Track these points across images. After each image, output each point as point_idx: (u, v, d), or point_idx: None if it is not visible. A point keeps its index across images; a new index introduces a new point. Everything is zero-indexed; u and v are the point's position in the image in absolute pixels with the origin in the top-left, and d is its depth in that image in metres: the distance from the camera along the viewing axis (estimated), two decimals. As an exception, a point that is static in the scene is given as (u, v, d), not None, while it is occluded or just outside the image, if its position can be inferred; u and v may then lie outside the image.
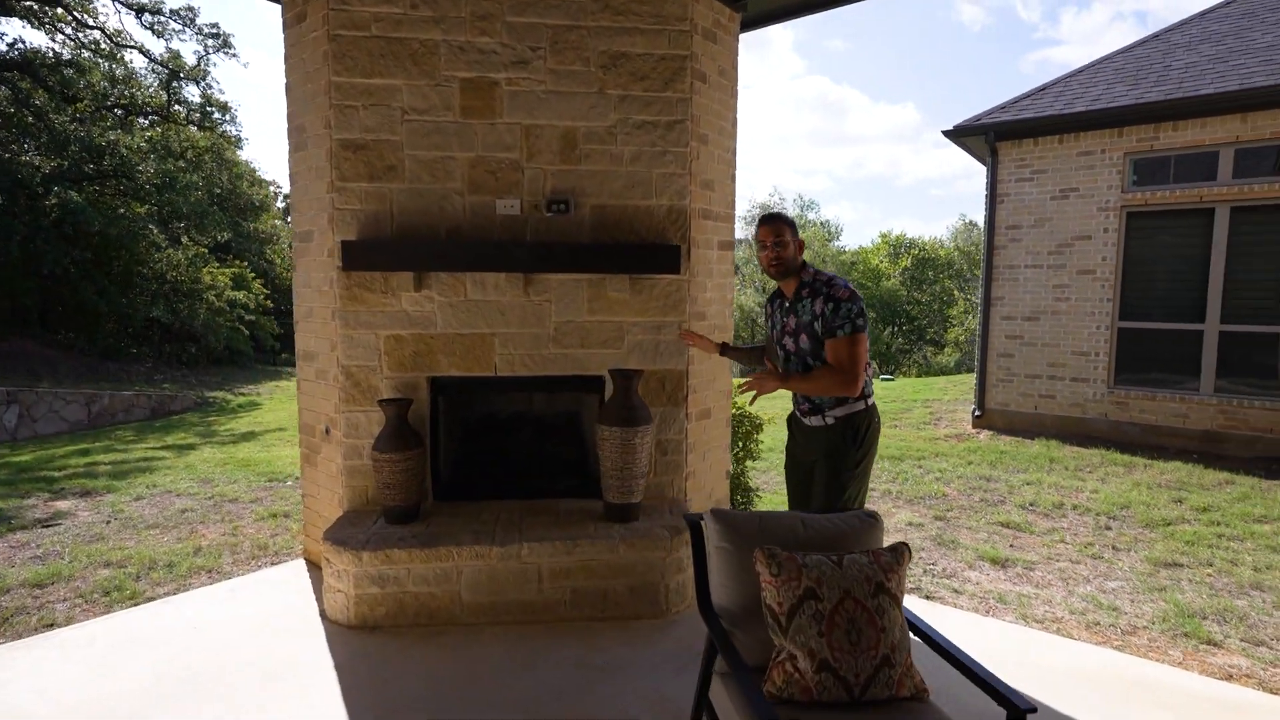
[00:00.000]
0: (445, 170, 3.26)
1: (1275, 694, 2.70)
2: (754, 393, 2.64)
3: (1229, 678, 2.85)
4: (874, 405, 2.66)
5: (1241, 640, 3.16)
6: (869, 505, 3.26)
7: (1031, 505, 5.32)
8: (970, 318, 28.52)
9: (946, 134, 8.17)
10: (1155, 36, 8.27)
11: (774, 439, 7.25)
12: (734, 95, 3.80)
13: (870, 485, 6.23)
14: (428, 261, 3.16)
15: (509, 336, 3.37)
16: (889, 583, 1.81)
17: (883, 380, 17.05)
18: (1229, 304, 7.12)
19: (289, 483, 6.01)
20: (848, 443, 2.58)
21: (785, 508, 5.03)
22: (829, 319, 2.48)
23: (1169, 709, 2.51)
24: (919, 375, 23.68)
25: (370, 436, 3.30)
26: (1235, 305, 7.11)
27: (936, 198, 75.93)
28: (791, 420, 2.82)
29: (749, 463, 5.22)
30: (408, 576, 2.93)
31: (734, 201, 3.91)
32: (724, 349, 3.26)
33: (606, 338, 3.44)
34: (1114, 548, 4.44)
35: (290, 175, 3.61)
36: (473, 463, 3.69)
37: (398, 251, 3.15)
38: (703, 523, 2.06)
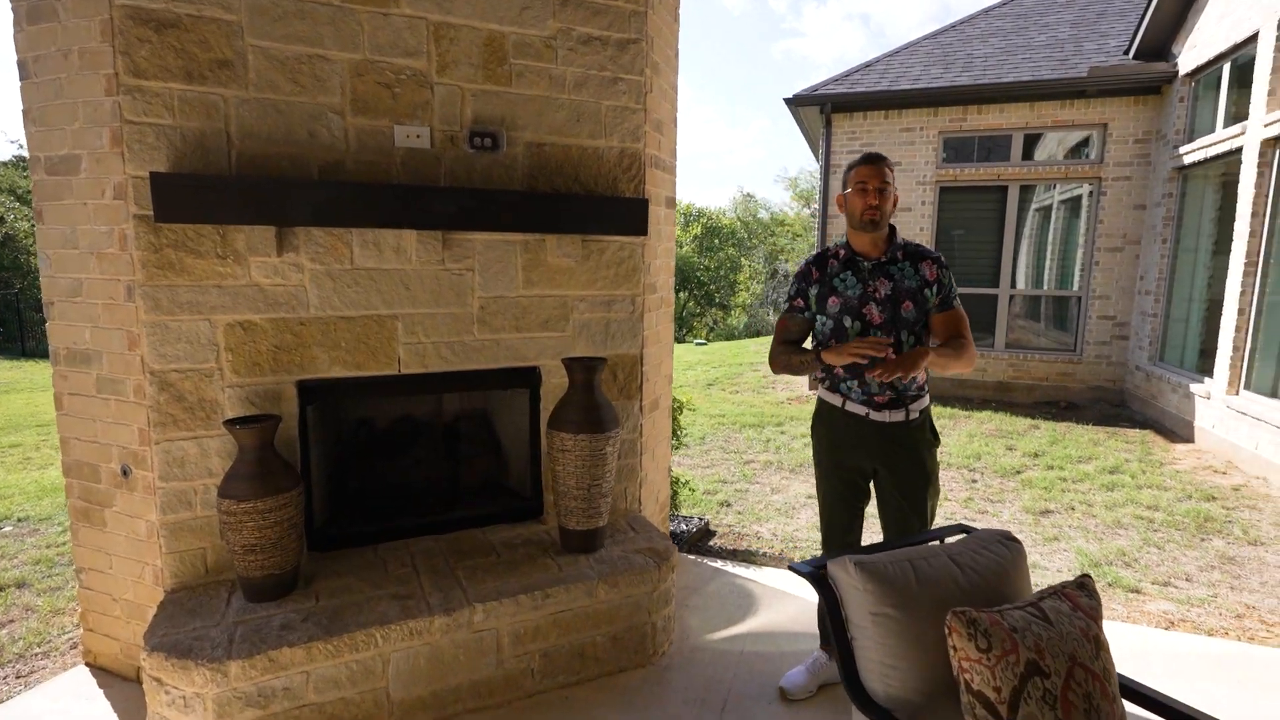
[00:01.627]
0: (316, 77, 2.20)
1: (1240, 640, 2.91)
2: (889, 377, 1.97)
3: (1170, 625, 3.03)
4: None
5: (1152, 584, 3.43)
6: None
7: (904, 465, 5.54)
8: (755, 283, 30.90)
9: (787, 101, 8.24)
10: (952, 27, 9.10)
11: (691, 421, 6.83)
12: (677, 19, 3.15)
13: (748, 454, 6.18)
14: (295, 212, 2.12)
15: (418, 319, 2.44)
16: (1102, 634, 1.42)
17: (696, 345, 17.67)
18: (1018, 271, 8.18)
19: (7, 527, 4.21)
20: (931, 441, 2.21)
21: (720, 505, 5.07)
22: (948, 287, 2.15)
23: (1209, 677, 2.55)
24: (709, 338, 25.04)
25: (209, 475, 2.19)
26: (1023, 272, 8.19)
27: (708, 170, 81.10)
28: (835, 415, 2.21)
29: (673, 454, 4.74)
30: (306, 683, 1.97)
31: (676, 149, 3.29)
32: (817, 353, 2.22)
33: (548, 317, 2.66)
34: (990, 500, 4.73)
35: (21, 63, 2.23)
36: (366, 494, 2.70)
37: (246, 195, 2.06)
38: (834, 577, 1.50)
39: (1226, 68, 6.14)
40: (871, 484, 2.31)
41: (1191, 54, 6.59)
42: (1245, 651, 2.75)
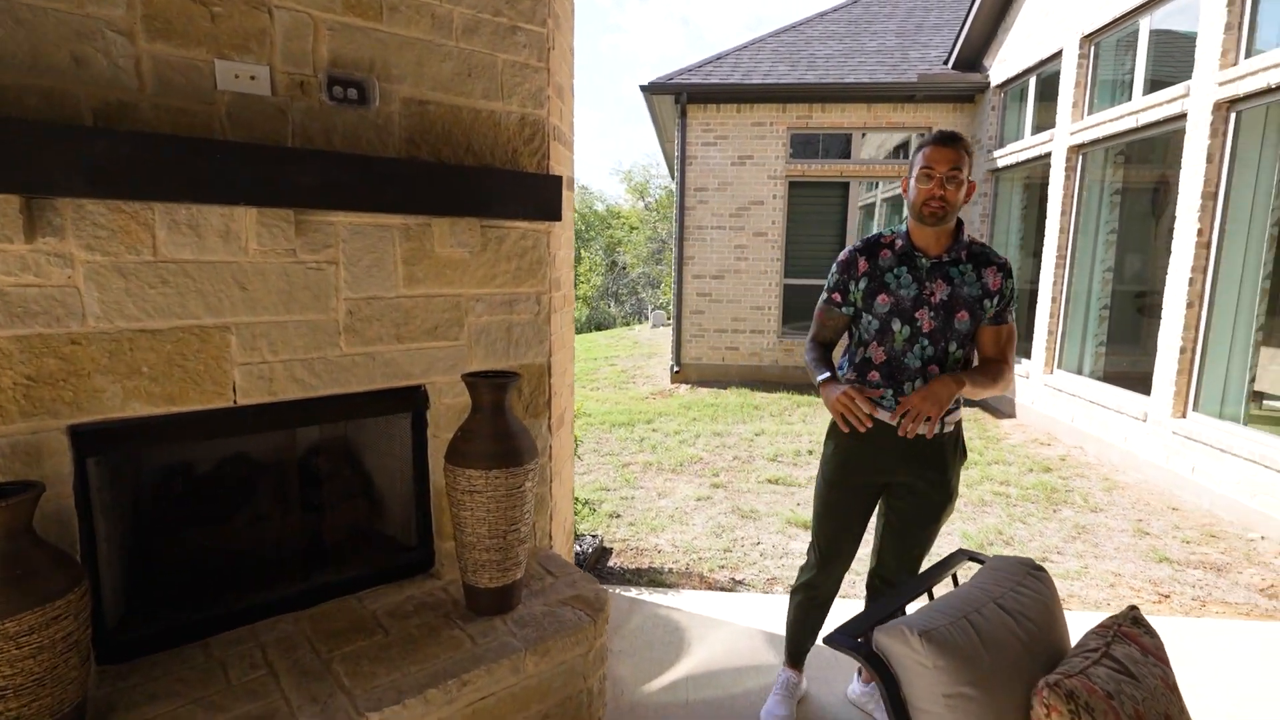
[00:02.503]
0: (82, -27, 1.48)
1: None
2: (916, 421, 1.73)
3: (1066, 604, 3.18)
4: None
5: (1044, 560, 3.62)
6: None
7: (779, 458, 5.55)
8: (595, 275, 30.83)
9: (644, 89, 8.01)
10: (794, 28, 9.42)
11: (583, 431, 6.28)
12: (572, -32, 2.70)
13: (623, 456, 5.88)
14: (55, 173, 1.40)
15: (261, 331, 1.79)
16: (1174, 679, 1.25)
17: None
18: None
19: None
20: (960, 456, 2.00)
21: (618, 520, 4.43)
22: (1004, 302, 1.89)
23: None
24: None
25: (-85, 583, 1.41)
26: (862, 264, 8.70)
27: (545, 161, 79.75)
28: (873, 425, 1.87)
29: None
30: None
31: (574, 122, 2.84)
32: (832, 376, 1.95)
33: (437, 323, 2.11)
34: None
35: None
36: (188, 569, 1.98)
37: (-35, 145, 1.31)
38: (888, 651, 1.19)
39: (1033, 81, 6.87)
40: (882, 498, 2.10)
41: (1002, 67, 7.31)
42: (1181, 628, 2.92)
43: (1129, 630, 1.30)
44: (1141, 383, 5.35)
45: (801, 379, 8.65)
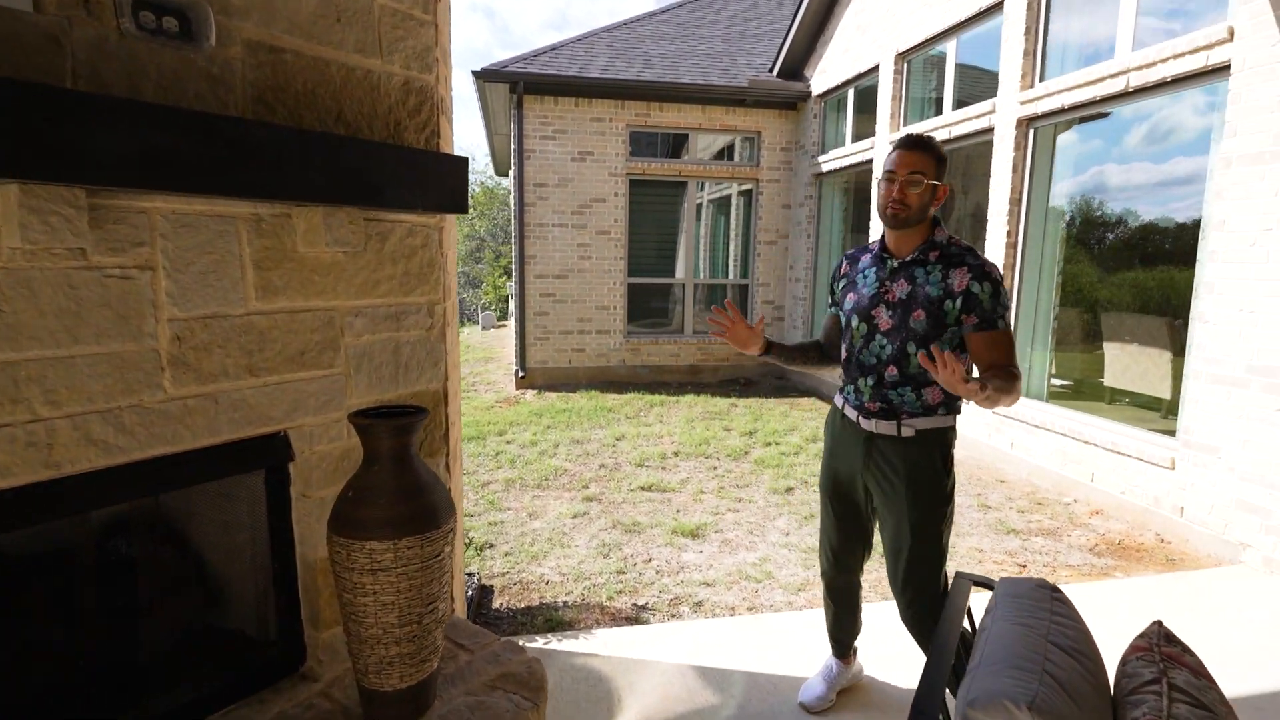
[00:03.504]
0: None
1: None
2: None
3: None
4: (956, 424, 1.94)
5: (908, 546, 3.79)
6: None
7: (646, 462, 5.40)
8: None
9: (476, 74, 7.43)
10: (625, 24, 9.34)
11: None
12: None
13: (480, 474, 5.37)
14: None
15: (34, 372, 1.18)
16: (1222, 694, 1.20)
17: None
18: (700, 260, 8.86)
19: None
20: (936, 468, 1.86)
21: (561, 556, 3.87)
22: (987, 306, 1.77)
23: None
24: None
25: None
26: (703, 262, 8.88)
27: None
28: (834, 418, 2.06)
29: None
30: None
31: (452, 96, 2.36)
32: (768, 348, 2.07)
33: (304, 346, 1.59)
34: (738, 485, 4.85)
35: None
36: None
37: None
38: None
39: (851, 92, 7.41)
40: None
41: (822, 78, 7.82)
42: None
43: (1171, 651, 1.24)
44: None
45: (650, 378, 8.64)
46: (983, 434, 5.28)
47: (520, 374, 8.30)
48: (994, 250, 5.12)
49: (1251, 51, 3.33)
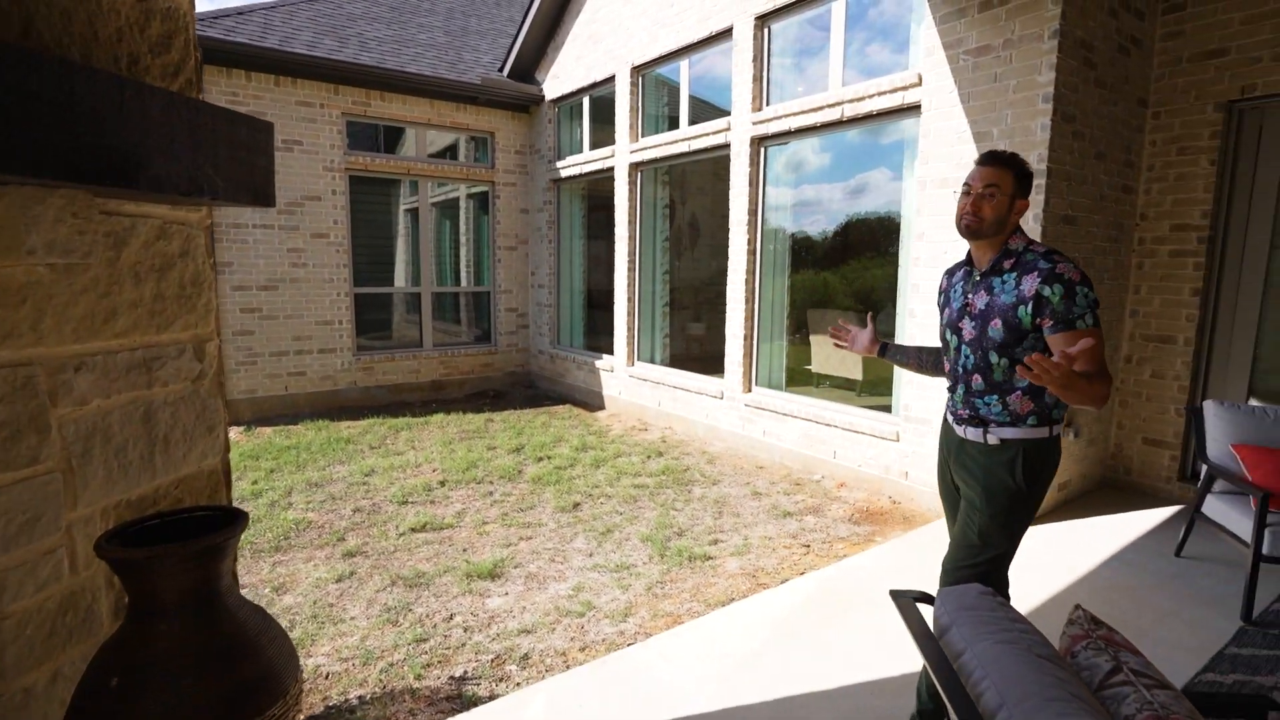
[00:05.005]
0: None
1: (810, 570, 3.47)
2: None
3: (754, 575, 3.46)
4: (1059, 437, 1.94)
5: (710, 545, 3.88)
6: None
7: (410, 498, 4.76)
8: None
9: (130, 30, 5.76)
10: (328, -3, 8.15)
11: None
12: None
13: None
14: None
15: None
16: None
17: None
18: (444, 267, 8.17)
19: None
20: (1016, 479, 1.88)
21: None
22: (1059, 307, 1.77)
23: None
24: None
25: None
26: (440, 269, 8.21)
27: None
28: (942, 424, 2.17)
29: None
30: None
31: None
32: (884, 350, 2.32)
33: (-21, 431, 0.90)
34: (521, 509, 4.53)
35: None
36: None
37: None
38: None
39: (587, 100, 7.48)
40: None
41: (555, 83, 7.77)
42: (841, 572, 3.37)
43: (1106, 635, 1.32)
44: (711, 365, 6.40)
45: (389, 399, 7.72)
46: (738, 426, 5.73)
47: (219, 409, 6.72)
48: (735, 257, 5.58)
49: (935, 95, 4.09)
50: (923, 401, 4.31)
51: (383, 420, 6.88)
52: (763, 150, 5.38)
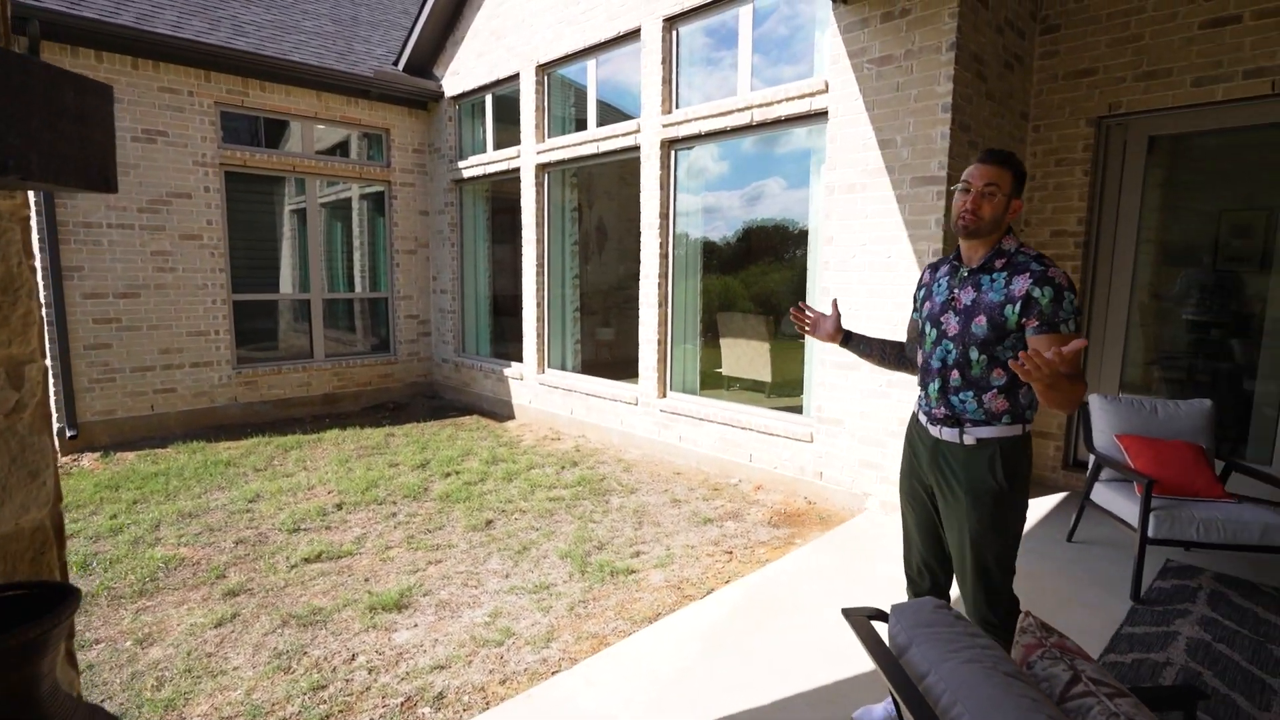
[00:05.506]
0: None
1: (737, 578, 3.39)
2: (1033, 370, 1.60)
3: (679, 587, 3.36)
4: (1030, 434, 1.96)
5: (632, 558, 3.74)
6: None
7: (302, 524, 4.34)
8: None
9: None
10: (195, -25, 7.38)
11: None
12: None
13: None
14: None
15: None
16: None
17: None
18: (336, 272, 7.60)
19: None
20: (999, 478, 1.88)
21: None
22: (1047, 310, 1.80)
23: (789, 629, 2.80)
24: None
25: None
26: (332, 274, 7.64)
27: None
28: (912, 422, 2.16)
29: None
30: None
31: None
32: (848, 338, 2.35)
33: None
34: (429, 530, 4.24)
35: None
36: None
37: None
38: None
39: (490, 99, 7.20)
40: None
41: (455, 79, 7.43)
42: (764, 578, 3.31)
43: (1059, 642, 1.30)
44: (622, 370, 6.29)
45: (276, 415, 7.10)
46: (653, 432, 5.65)
47: (71, 434, 5.92)
48: (648, 260, 5.51)
49: (841, 102, 4.18)
50: (835, 402, 4.38)
51: (269, 439, 6.30)
52: (673, 153, 5.34)
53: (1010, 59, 4.25)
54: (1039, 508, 4.29)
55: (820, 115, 4.36)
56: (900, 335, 4.04)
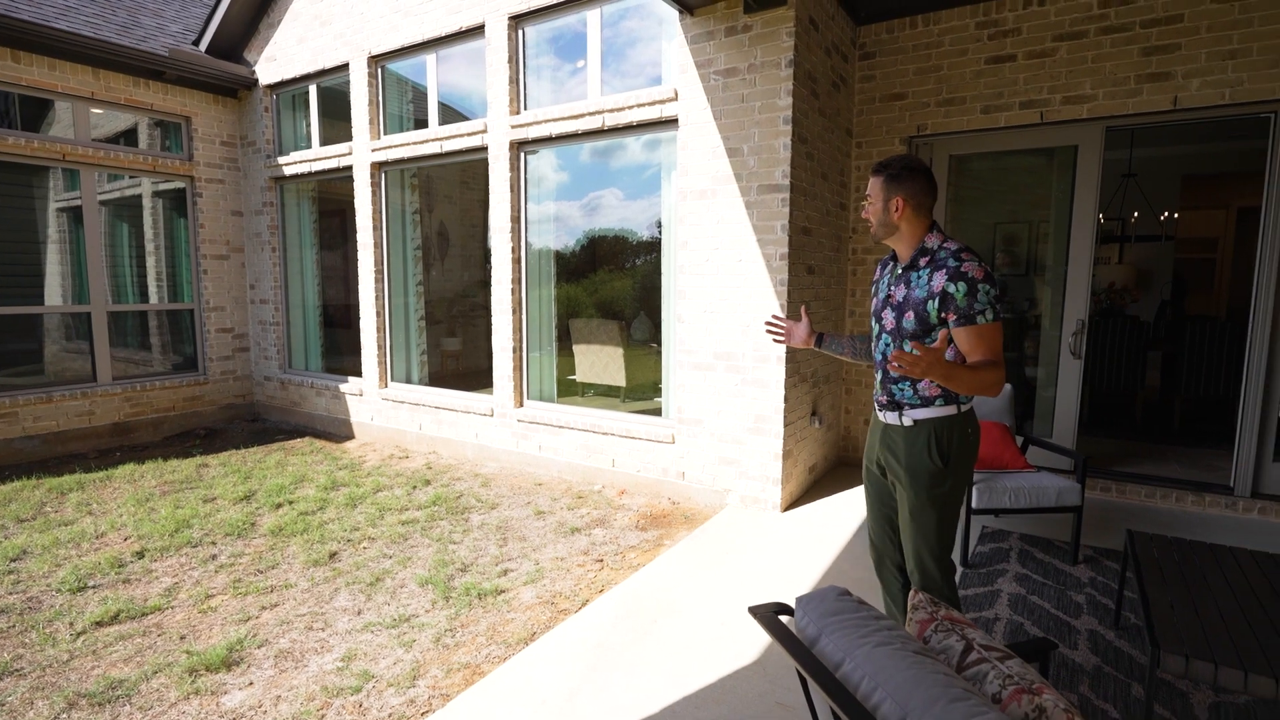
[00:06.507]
0: None
1: (610, 587, 3.29)
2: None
3: (552, 602, 3.22)
4: (970, 413, 2.09)
5: (500, 578, 3.53)
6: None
7: (90, 582, 3.64)
8: None
9: None
10: (-86, -86, 5.96)
11: None
12: None
13: None
14: None
15: None
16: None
17: None
18: (114, 282, 6.48)
19: None
20: (933, 456, 2.02)
21: None
22: (962, 304, 1.92)
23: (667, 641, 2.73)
24: None
25: None
26: (119, 283, 6.52)
27: None
28: (872, 415, 2.30)
29: None
30: None
31: None
32: (820, 340, 2.41)
33: None
34: (261, 571, 3.74)
35: None
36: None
37: None
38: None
39: (315, 90, 6.55)
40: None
41: (272, 66, 6.69)
42: (639, 583, 3.24)
43: (948, 615, 1.37)
44: (471, 381, 6.00)
45: (46, 453, 5.91)
46: (511, 443, 5.43)
47: None
48: (500, 265, 5.30)
49: (691, 111, 4.29)
50: (694, 403, 4.48)
51: (37, 482, 5.22)
52: (523, 155, 5.19)
53: (837, 79, 4.63)
54: (876, 490, 4.68)
55: (671, 122, 4.45)
56: (755, 333, 4.22)
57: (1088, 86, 4.26)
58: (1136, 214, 8.67)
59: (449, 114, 5.71)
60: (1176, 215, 8.60)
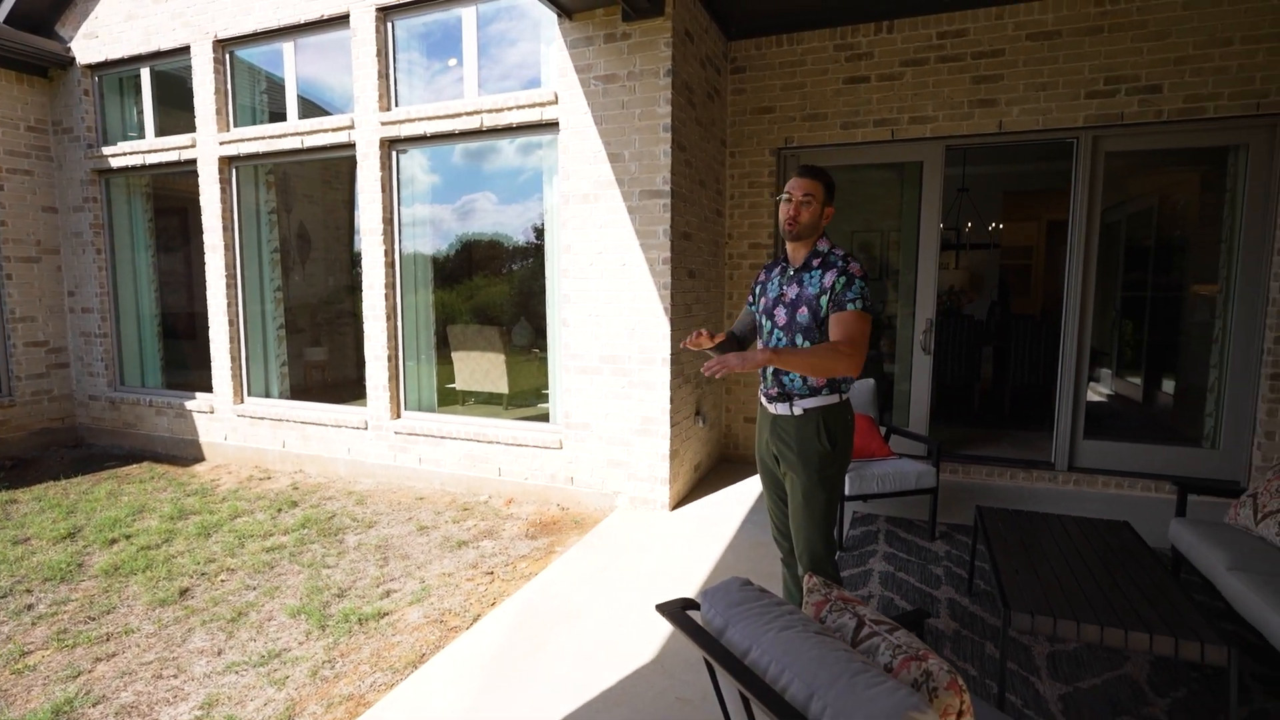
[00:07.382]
0: None
1: (501, 599, 3.17)
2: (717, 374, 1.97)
3: (442, 620, 3.07)
4: (849, 402, 2.30)
5: (382, 600, 3.32)
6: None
7: (-126, 644, 3.04)
8: None
9: None
10: None
11: None
12: None
13: None
14: None
15: None
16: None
17: None
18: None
19: None
20: (822, 440, 2.21)
21: None
22: (839, 293, 2.16)
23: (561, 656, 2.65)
24: None
25: None
26: (-109, 290, 5.47)
27: None
28: (759, 408, 2.43)
29: None
30: None
31: None
32: (728, 339, 2.49)
33: None
34: (93, 618, 3.29)
35: None
36: None
37: None
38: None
39: (148, 73, 5.86)
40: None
41: (94, 44, 5.91)
42: (532, 593, 3.15)
43: (841, 595, 1.45)
44: (340, 393, 5.61)
45: None
46: (388, 456, 5.15)
47: None
48: (372, 270, 5.01)
49: (571, 115, 4.28)
50: (581, 407, 4.47)
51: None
52: (395, 154, 4.94)
53: (711, 90, 4.82)
54: (756, 485, 4.90)
55: (552, 125, 4.42)
56: (641, 336, 4.28)
57: (930, 109, 4.72)
58: (970, 224, 9.72)
59: (310, 109, 5.33)
60: (1001, 226, 9.74)
